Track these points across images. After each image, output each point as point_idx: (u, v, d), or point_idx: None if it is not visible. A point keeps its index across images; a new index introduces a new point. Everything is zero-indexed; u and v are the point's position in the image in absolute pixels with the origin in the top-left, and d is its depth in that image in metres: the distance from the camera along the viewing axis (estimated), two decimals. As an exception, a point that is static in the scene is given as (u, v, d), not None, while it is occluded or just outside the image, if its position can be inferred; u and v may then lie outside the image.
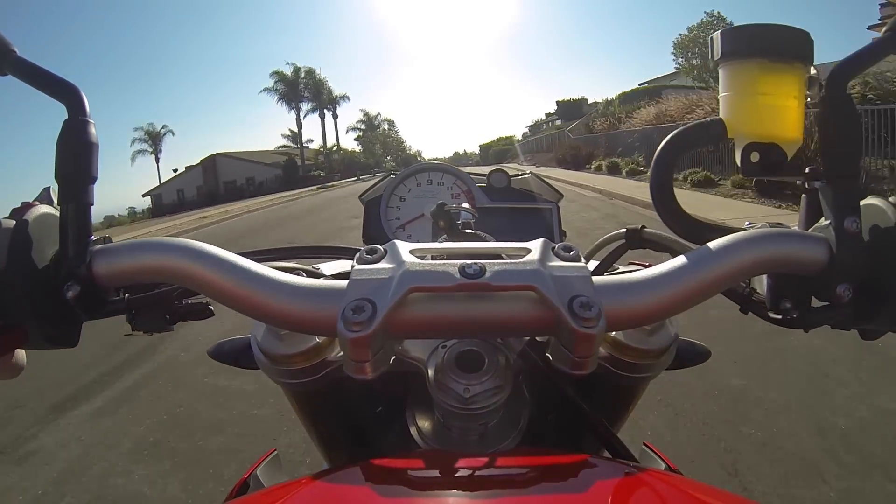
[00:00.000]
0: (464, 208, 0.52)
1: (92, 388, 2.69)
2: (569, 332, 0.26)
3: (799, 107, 0.34)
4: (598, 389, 0.42)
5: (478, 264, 0.28)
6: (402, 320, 0.27)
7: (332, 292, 0.28)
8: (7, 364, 0.32)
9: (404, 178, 0.83)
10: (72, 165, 0.31)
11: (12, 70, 0.31)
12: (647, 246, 0.42)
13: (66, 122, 0.32)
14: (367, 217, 0.83)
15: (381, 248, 0.30)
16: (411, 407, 0.42)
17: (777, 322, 0.34)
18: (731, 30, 0.34)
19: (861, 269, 0.30)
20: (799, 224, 0.36)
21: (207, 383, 2.56)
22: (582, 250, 0.34)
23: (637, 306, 0.28)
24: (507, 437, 0.40)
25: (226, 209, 18.75)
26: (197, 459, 1.94)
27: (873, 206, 0.32)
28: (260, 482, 0.52)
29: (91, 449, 2.10)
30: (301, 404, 0.46)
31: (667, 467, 0.52)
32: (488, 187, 0.82)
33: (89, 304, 0.31)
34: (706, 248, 0.30)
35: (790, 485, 1.58)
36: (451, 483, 0.28)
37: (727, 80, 0.35)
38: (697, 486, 0.28)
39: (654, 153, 0.36)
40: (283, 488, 0.32)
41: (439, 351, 0.38)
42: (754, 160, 0.34)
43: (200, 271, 0.30)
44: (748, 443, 1.80)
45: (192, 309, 0.38)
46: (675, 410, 2.00)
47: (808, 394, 2.08)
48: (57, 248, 0.31)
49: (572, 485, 0.27)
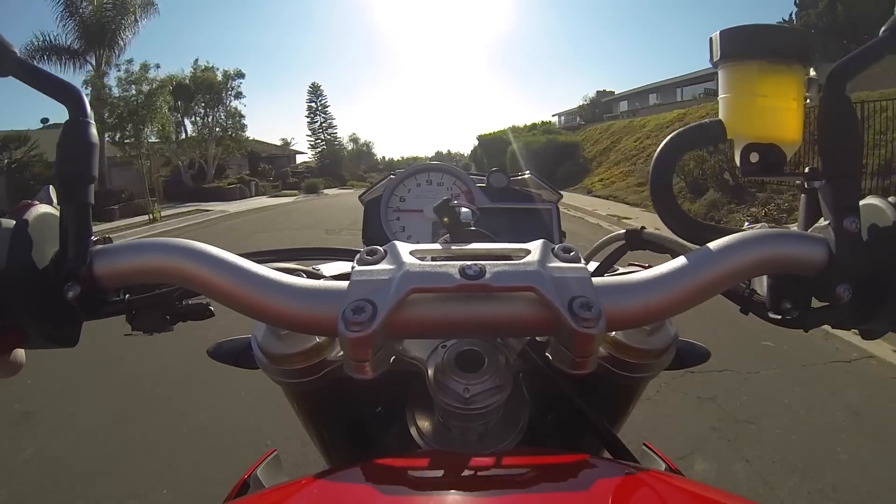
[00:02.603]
0: (466, 206, 0.52)
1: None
2: (569, 333, 0.26)
3: (798, 108, 0.34)
4: (598, 389, 0.42)
5: (478, 265, 0.28)
6: (403, 321, 0.27)
7: (332, 293, 0.28)
8: (6, 363, 0.32)
9: (404, 179, 0.83)
10: (72, 165, 0.31)
11: (12, 71, 0.31)
12: (647, 247, 0.42)
13: (67, 123, 0.32)
14: (367, 217, 0.83)
15: (381, 250, 0.30)
16: (411, 407, 0.42)
17: (777, 322, 0.34)
18: (730, 30, 0.34)
19: (861, 269, 0.30)
20: (798, 224, 0.36)
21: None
22: (582, 251, 0.34)
23: (637, 307, 0.28)
24: (507, 437, 0.40)
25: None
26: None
27: (873, 205, 0.32)
28: (260, 482, 0.52)
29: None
30: (301, 404, 0.46)
31: (667, 467, 0.52)
32: (488, 187, 0.82)
33: (89, 305, 0.31)
34: (706, 249, 0.31)
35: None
36: (451, 483, 0.28)
37: (726, 82, 0.35)
38: (697, 486, 0.28)
39: (654, 154, 0.36)
40: (283, 488, 0.32)
41: (439, 351, 0.38)
42: (753, 161, 0.34)
43: (201, 272, 0.30)
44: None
45: (192, 309, 0.38)
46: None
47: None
48: (57, 248, 0.31)
49: (572, 485, 0.27)
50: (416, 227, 0.81)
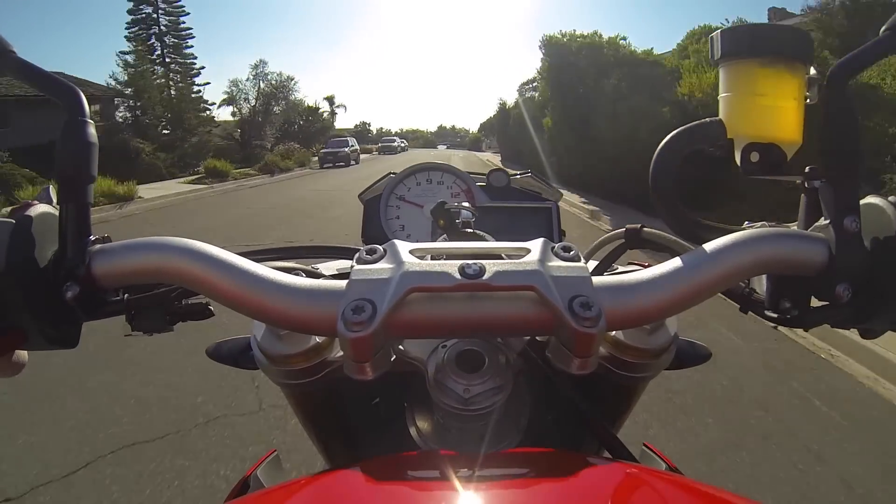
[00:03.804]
0: (464, 207, 0.52)
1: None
2: (569, 332, 0.26)
3: (798, 107, 0.34)
4: (598, 389, 0.42)
5: (477, 264, 0.28)
6: (402, 320, 0.27)
7: (331, 292, 0.28)
8: (7, 363, 0.31)
9: (404, 178, 0.83)
10: (71, 165, 0.31)
11: (12, 71, 0.31)
12: (647, 246, 0.42)
13: (66, 123, 0.31)
14: (367, 216, 0.83)
15: (380, 248, 0.30)
16: (411, 407, 0.42)
17: (777, 322, 0.34)
18: (731, 29, 0.34)
19: (860, 269, 0.30)
20: (798, 224, 0.36)
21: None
22: (581, 250, 0.34)
23: (637, 306, 0.28)
24: (507, 437, 0.40)
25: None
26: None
27: (873, 205, 0.32)
28: (260, 482, 0.52)
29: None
30: (301, 404, 0.46)
31: (667, 467, 0.52)
32: (488, 186, 0.82)
33: (89, 305, 0.31)
34: (706, 248, 0.30)
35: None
36: (450, 483, 0.28)
37: (727, 81, 0.35)
38: (697, 485, 0.28)
39: (654, 153, 0.36)
40: (283, 488, 0.32)
41: (439, 351, 0.38)
42: (754, 160, 0.34)
43: (200, 271, 0.30)
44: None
45: (191, 309, 0.38)
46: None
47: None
48: (56, 248, 0.31)
49: (572, 485, 0.27)
50: (416, 226, 0.81)
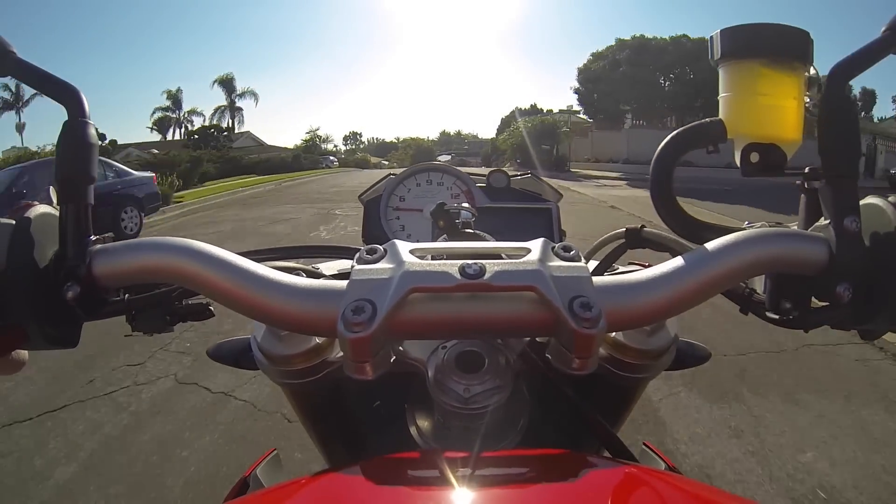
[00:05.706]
0: (464, 208, 0.52)
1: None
2: (569, 333, 0.26)
3: (798, 107, 0.34)
4: (598, 389, 0.42)
5: (478, 264, 0.28)
6: (403, 321, 0.27)
7: (332, 293, 0.28)
8: (7, 362, 0.32)
9: (404, 178, 0.83)
10: (72, 166, 0.31)
11: (12, 71, 0.31)
12: (647, 245, 0.42)
13: (66, 123, 0.32)
14: (367, 217, 0.83)
15: (380, 248, 0.30)
16: (411, 407, 0.42)
17: (777, 322, 0.34)
18: (730, 29, 0.34)
19: (861, 269, 0.30)
20: (798, 224, 0.36)
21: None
22: (582, 250, 0.34)
23: (637, 307, 0.28)
24: (507, 437, 0.40)
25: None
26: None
27: (873, 205, 0.32)
28: (260, 482, 0.52)
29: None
30: (301, 404, 0.46)
31: (667, 467, 0.52)
32: (488, 187, 0.82)
33: (89, 305, 0.31)
34: (706, 248, 0.30)
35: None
36: (450, 483, 0.28)
37: (726, 81, 0.35)
38: (697, 485, 0.28)
39: (655, 153, 0.36)
40: (282, 488, 0.32)
41: (439, 351, 0.38)
42: (754, 161, 0.34)
43: (200, 271, 0.30)
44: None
45: (192, 309, 0.38)
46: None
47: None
48: (56, 248, 0.31)
49: (572, 485, 0.27)
50: (417, 227, 0.81)
